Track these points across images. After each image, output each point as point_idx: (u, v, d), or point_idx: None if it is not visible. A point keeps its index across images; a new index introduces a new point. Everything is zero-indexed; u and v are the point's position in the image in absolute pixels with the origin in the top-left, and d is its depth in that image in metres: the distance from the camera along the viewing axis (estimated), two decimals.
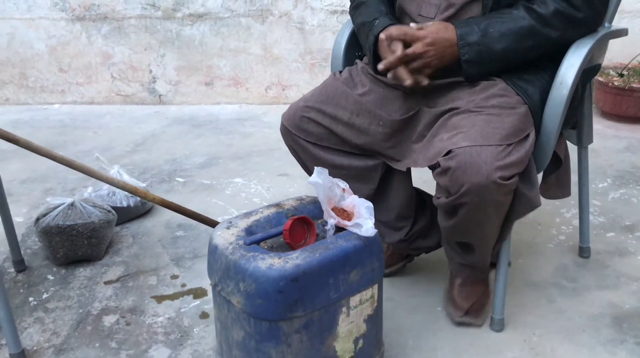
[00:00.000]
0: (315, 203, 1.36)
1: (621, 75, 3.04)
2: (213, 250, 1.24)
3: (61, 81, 3.67)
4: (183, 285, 1.79)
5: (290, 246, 1.23)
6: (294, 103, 1.56)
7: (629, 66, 3.12)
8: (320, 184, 1.24)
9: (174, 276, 1.84)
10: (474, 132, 1.25)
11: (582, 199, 1.81)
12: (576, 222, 2.07)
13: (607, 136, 2.94)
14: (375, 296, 1.28)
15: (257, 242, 1.21)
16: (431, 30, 1.33)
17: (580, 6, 1.31)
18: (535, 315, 1.61)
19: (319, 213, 1.32)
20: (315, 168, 1.26)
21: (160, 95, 3.69)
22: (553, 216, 2.14)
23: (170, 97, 3.69)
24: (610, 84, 2.99)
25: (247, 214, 1.32)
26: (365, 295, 1.25)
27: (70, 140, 3.10)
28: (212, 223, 1.89)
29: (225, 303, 1.23)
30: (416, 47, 1.32)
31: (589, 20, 1.34)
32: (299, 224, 1.25)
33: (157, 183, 2.54)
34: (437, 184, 1.31)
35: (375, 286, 1.27)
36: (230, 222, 1.29)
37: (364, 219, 1.22)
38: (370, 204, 1.24)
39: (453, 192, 1.25)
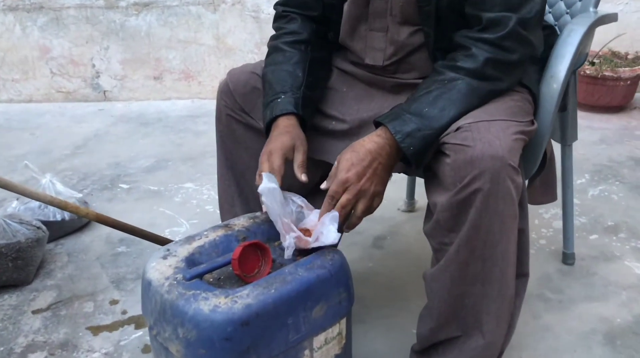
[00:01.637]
0: (271, 221, 1.15)
1: (592, 64, 2.91)
2: (146, 286, 1.03)
3: None
4: (124, 312, 1.57)
5: (240, 279, 1.03)
6: (249, 65, 1.35)
7: (600, 53, 3.00)
8: (276, 189, 1.05)
9: (114, 302, 1.61)
10: (474, 112, 1.06)
11: (566, 201, 1.65)
12: (557, 224, 1.93)
13: (580, 128, 2.76)
14: (344, 333, 1.09)
15: (200, 276, 1.00)
16: (345, 166, 1.06)
17: (511, 46, 1.08)
18: (519, 333, 1.43)
19: (276, 233, 1.12)
20: (264, 174, 1.08)
21: (104, 91, 3.42)
22: (531, 218, 1.97)
23: (116, 93, 3.42)
24: (582, 72, 2.86)
25: (189, 239, 1.11)
26: (331, 333, 1.06)
27: (3, 143, 2.82)
28: (158, 240, 1.67)
29: (162, 350, 1.02)
30: (348, 194, 1.06)
31: (527, 56, 1.12)
32: (251, 250, 1.04)
33: (99, 191, 2.29)
34: (431, 188, 1.09)
35: (343, 321, 1.08)
36: (168, 250, 1.08)
37: (325, 227, 1.03)
38: (335, 213, 1.05)
39: (460, 178, 1.00)
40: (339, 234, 1.03)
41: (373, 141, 1.07)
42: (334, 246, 1.06)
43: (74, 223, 1.94)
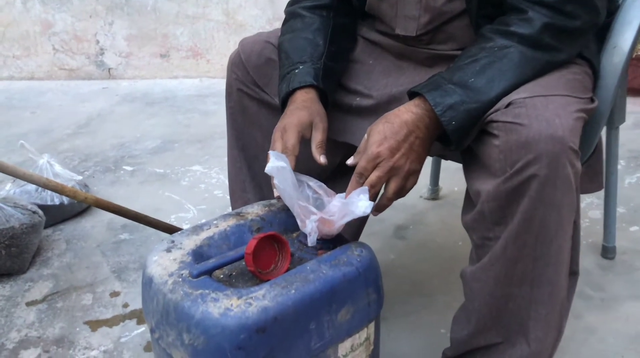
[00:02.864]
0: (289, 210, 1.01)
1: None
2: (147, 283, 0.90)
3: None
4: (125, 305, 1.45)
5: (255, 275, 0.89)
6: (263, 34, 1.21)
7: None
8: (285, 168, 0.91)
9: (114, 294, 1.49)
10: (528, 86, 0.91)
11: (609, 190, 1.51)
12: (593, 214, 1.78)
13: None
14: (372, 338, 0.95)
15: (209, 272, 0.87)
16: (376, 140, 0.92)
17: (574, 11, 0.92)
18: None
19: (294, 224, 0.98)
20: (271, 152, 0.93)
21: (109, 69, 3.28)
22: None
23: (121, 71, 3.28)
24: None
25: (196, 229, 0.97)
26: (358, 339, 0.92)
27: (3, 122, 2.70)
28: (163, 227, 1.54)
29: (165, 357, 0.89)
30: (379, 171, 0.92)
31: (590, 23, 0.96)
32: (267, 243, 0.91)
33: (101, 173, 2.16)
34: (474, 174, 0.95)
35: (372, 325, 0.95)
36: (173, 241, 0.95)
37: (354, 198, 0.90)
38: (365, 187, 0.91)
39: (511, 162, 0.86)
40: (371, 203, 0.88)
41: (410, 111, 0.93)
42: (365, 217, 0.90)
43: (73, 207, 1.81)
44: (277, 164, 0.91)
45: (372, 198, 0.92)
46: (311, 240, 0.93)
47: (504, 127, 0.87)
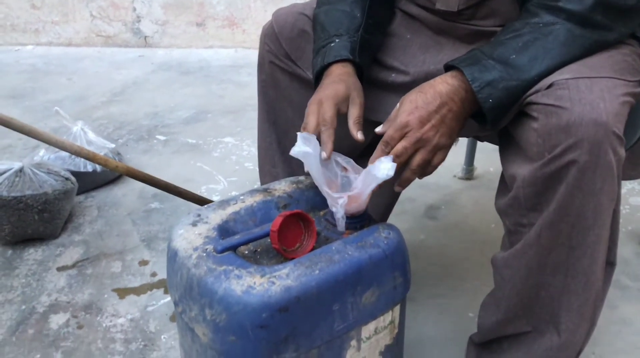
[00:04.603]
0: (316, 187, 0.99)
1: None
2: (172, 257, 0.89)
3: (34, 19, 3.25)
4: (153, 274, 1.46)
5: (280, 253, 0.88)
6: (298, 5, 1.17)
7: None
8: (310, 154, 0.88)
9: (143, 263, 1.50)
10: (573, 66, 0.86)
11: None
12: (634, 201, 1.72)
13: None
14: (396, 321, 0.93)
15: (234, 248, 0.86)
16: (407, 109, 0.89)
17: None
18: None
19: (321, 201, 0.96)
20: (299, 134, 0.89)
21: (145, 37, 3.27)
22: None
23: (157, 40, 3.27)
24: None
25: (223, 204, 0.96)
26: (382, 322, 0.91)
27: (39, 87, 2.72)
28: (193, 198, 1.54)
29: (188, 331, 0.89)
30: (406, 141, 0.88)
31: None
32: (293, 221, 0.89)
33: (134, 141, 2.17)
34: (510, 157, 0.91)
35: (397, 308, 0.93)
36: (199, 215, 0.94)
37: (378, 163, 0.86)
38: (390, 156, 0.87)
39: (550, 147, 0.82)
40: (393, 165, 0.84)
41: (446, 82, 0.89)
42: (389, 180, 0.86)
43: (106, 174, 1.82)
44: (303, 149, 0.88)
45: (397, 170, 0.88)
46: (340, 226, 0.91)
47: (544, 110, 0.83)
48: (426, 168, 0.91)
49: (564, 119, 0.80)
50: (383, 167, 0.84)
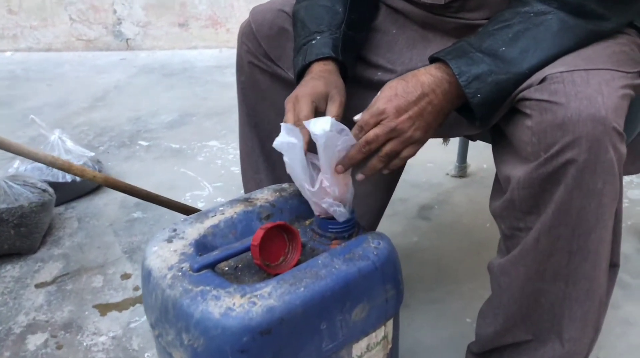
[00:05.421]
0: (301, 195, 0.93)
1: None
2: (146, 276, 0.83)
3: (11, 24, 3.18)
4: (136, 288, 1.39)
5: (262, 269, 0.82)
6: (277, 2, 1.11)
7: None
8: (296, 145, 0.82)
9: (125, 276, 1.44)
10: (567, 58, 0.80)
11: None
12: (633, 194, 1.67)
13: None
14: (390, 336, 0.88)
15: (212, 266, 0.80)
16: (386, 95, 0.84)
17: None
18: None
19: (307, 210, 0.90)
20: (282, 125, 0.83)
21: (127, 39, 3.20)
22: None
23: (139, 42, 3.20)
24: None
25: (201, 217, 0.90)
26: (375, 338, 0.85)
27: (19, 95, 2.65)
28: (175, 206, 1.48)
29: (166, 355, 0.82)
30: (379, 129, 0.83)
31: None
32: (276, 234, 0.83)
33: (115, 148, 2.10)
34: (503, 158, 0.86)
35: (390, 323, 0.87)
36: (175, 230, 0.87)
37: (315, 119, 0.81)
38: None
39: (546, 146, 0.76)
40: (330, 119, 0.79)
41: (429, 74, 0.83)
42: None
43: (85, 184, 1.76)
44: (287, 140, 0.82)
45: (363, 157, 0.84)
46: (339, 216, 0.86)
47: (538, 106, 0.77)
48: (393, 159, 0.86)
49: (560, 115, 0.75)
50: (320, 122, 0.79)
